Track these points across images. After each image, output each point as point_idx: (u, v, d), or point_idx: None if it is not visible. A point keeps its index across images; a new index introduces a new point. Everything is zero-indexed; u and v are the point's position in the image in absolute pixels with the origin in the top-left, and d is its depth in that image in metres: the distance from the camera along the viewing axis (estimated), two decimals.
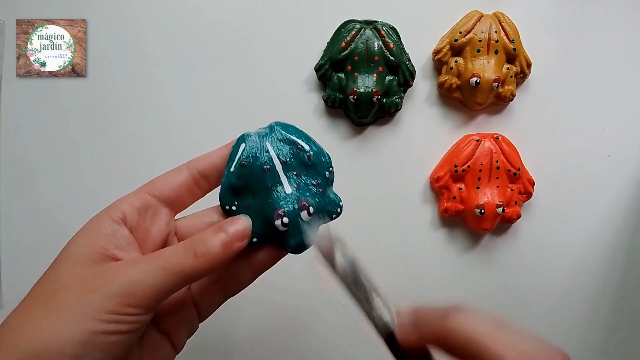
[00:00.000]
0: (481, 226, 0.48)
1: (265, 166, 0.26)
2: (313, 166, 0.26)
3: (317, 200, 0.26)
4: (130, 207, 0.24)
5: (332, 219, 0.27)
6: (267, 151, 0.26)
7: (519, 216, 0.50)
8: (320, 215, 0.26)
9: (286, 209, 0.25)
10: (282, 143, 0.26)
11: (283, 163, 0.26)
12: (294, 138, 0.26)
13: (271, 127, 0.27)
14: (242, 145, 0.26)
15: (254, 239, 0.25)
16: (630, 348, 0.54)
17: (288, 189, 0.26)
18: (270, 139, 0.26)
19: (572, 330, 0.53)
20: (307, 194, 0.26)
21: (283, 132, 0.27)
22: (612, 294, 0.53)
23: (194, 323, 0.27)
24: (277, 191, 0.25)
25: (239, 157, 0.26)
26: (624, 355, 0.54)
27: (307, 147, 0.26)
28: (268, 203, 0.25)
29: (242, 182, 0.26)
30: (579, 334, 0.53)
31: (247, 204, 0.26)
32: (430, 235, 0.51)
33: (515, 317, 0.52)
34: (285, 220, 0.25)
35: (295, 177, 0.26)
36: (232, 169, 0.26)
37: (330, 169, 0.27)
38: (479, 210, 0.47)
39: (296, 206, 0.25)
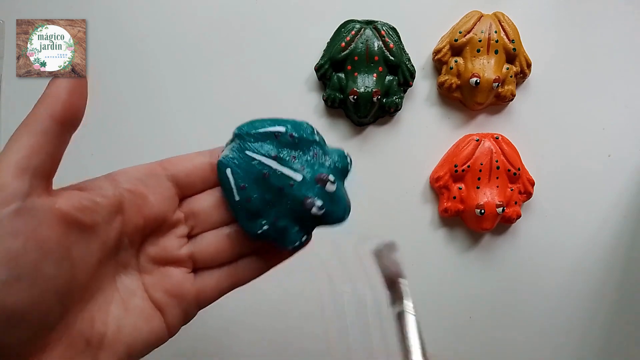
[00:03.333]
0: (481, 226, 0.48)
1: (264, 173, 0.24)
2: (300, 141, 0.25)
3: (327, 166, 0.25)
4: (134, 170, 0.25)
5: (348, 173, 0.26)
6: (253, 159, 0.25)
7: (519, 216, 0.50)
8: (339, 176, 0.25)
9: (311, 194, 0.24)
10: (259, 142, 0.25)
11: (274, 158, 0.24)
12: (265, 130, 0.25)
13: (238, 135, 0.25)
14: (228, 170, 0.25)
15: (304, 238, 0.25)
16: (630, 348, 0.54)
17: (298, 177, 0.24)
18: (246, 146, 0.25)
19: (572, 330, 0.53)
20: (316, 167, 0.25)
21: (252, 132, 0.25)
22: (612, 294, 0.53)
23: (190, 307, 0.26)
24: (290, 185, 0.24)
25: (235, 183, 0.24)
26: (624, 355, 0.54)
27: (282, 129, 0.25)
28: (292, 202, 0.24)
29: (255, 202, 0.24)
30: (579, 334, 0.53)
31: (274, 217, 0.24)
32: (430, 235, 0.51)
33: (515, 317, 0.52)
34: (319, 202, 0.24)
35: (294, 162, 0.25)
36: (237, 198, 0.24)
37: (315, 131, 0.26)
38: (479, 210, 0.47)
39: (317, 185, 0.24)
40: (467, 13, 0.49)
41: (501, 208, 0.47)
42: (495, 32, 0.48)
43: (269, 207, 0.24)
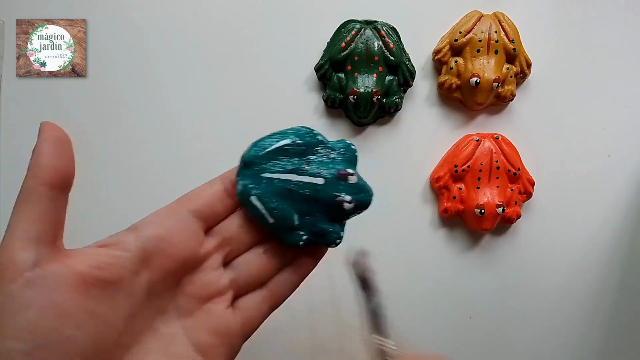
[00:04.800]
0: (481, 226, 0.48)
1: (287, 188, 0.25)
2: (308, 146, 0.26)
3: (340, 161, 0.26)
4: (154, 216, 0.24)
5: (357, 159, 0.27)
6: (273, 179, 0.25)
7: (519, 216, 0.50)
8: (353, 166, 0.27)
9: (338, 192, 0.25)
10: (272, 162, 0.26)
11: (292, 171, 0.25)
12: (273, 147, 0.26)
13: (248, 162, 0.26)
14: (253, 198, 0.25)
15: (342, 232, 0.26)
16: (630, 348, 0.54)
17: (320, 180, 0.25)
18: (261, 169, 0.25)
19: (572, 330, 0.53)
20: (331, 165, 0.26)
21: (261, 154, 0.26)
22: (612, 294, 0.53)
23: (236, 341, 0.26)
24: (316, 190, 0.25)
25: (265, 207, 0.25)
26: (624, 355, 0.54)
27: (288, 141, 0.26)
28: (323, 205, 0.26)
29: (289, 218, 0.25)
30: (579, 334, 0.53)
31: (310, 224, 0.26)
32: (430, 235, 0.51)
33: (515, 317, 0.52)
34: (348, 197, 0.25)
35: (311, 168, 0.26)
36: (271, 221, 0.25)
37: (316, 132, 0.27)
38: (479, 210, 0.47)
39: (342, 181, 0.26)
40: (467, 13, 0.49)
41: (501, 208, 0.47)
42: (495, 32, 0.48)
43: (303, 215, 0.25)
